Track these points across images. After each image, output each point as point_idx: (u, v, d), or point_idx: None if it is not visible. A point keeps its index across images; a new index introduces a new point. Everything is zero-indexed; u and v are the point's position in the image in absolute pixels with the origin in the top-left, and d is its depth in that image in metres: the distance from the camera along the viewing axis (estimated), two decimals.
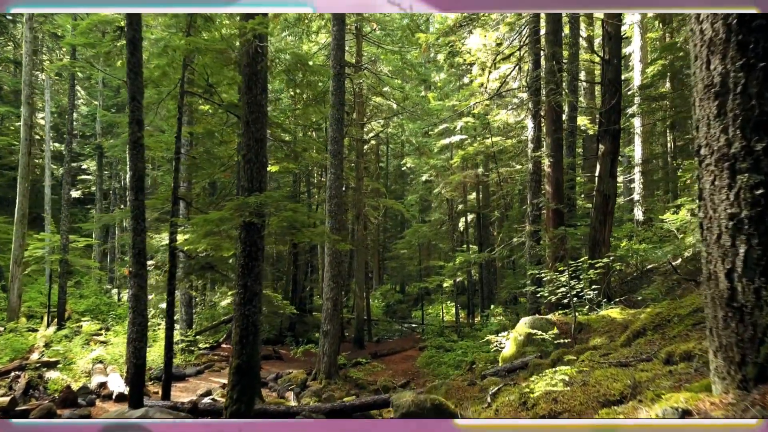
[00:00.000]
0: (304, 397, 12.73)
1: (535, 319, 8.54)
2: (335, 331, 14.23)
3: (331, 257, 14.17)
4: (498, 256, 14.83)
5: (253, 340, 6.78)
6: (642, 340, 5.23)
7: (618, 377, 3.54)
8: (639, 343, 5.16)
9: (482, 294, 26.01)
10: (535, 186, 13.25)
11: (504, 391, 4.93)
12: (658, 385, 3.01)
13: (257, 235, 6.90)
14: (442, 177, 25.30)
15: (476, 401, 6.42)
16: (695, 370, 3.06)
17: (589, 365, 4.62)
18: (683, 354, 3.45)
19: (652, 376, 3.25)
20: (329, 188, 14.38)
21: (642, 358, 4.26)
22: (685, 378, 3.00)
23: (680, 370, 3.21)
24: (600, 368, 4.31)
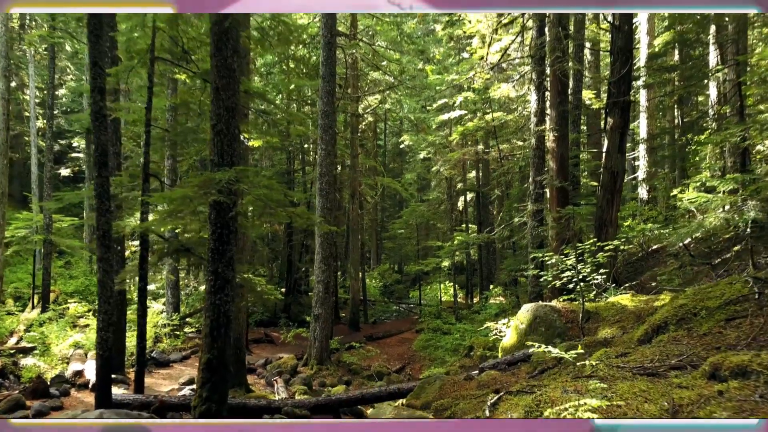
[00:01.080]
0: (294, 384, 12.13)
1: (538, 307, 7.85)
2: (327, 315, 13.59)
3: (323, 238, 13.45)
4: (498, 237, 14.11)
5: (225, 333, 6.08)
6: (665, 336, 4.52)
7: (650, 394, 2.84)
8: (662, 340, 4.45)
9: (481, 274, 25.41)
10: (538, 163, 12.46)
11: (505, 401, 4.23)
12: (708, 412, 2.31)
13: (228, 216, 6.15)
14: (440, 154, 24.48)
15: (472, 399, 5.75)
16: (761, 397, 2.36)
17: (606, 370, 3.91)
18: (735, 368, 2.75)
19: (696, 398, 2.54)
20: (320, 165, 13.59)
21: (672, 365, 3.54)
22: (744, 405, 2.30)
23: (734, 391, 2.50)
24: (620, 375, 3.60)
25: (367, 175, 28.18)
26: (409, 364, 15.78)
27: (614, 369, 3.81)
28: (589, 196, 15.89)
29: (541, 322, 7.64)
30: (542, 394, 3.42)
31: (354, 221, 20.90)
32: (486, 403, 4.30)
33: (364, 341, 18.25)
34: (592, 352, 5.92)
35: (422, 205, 26.12)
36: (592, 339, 6.20)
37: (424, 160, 30.75)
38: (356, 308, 20.74)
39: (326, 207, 13.40)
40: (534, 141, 12.66)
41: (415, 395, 6.87)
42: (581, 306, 7.61)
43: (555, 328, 7.49)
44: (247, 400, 7.59)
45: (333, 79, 13.79)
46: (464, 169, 25.03)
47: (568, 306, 7.83)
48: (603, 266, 8.30)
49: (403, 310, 27.92)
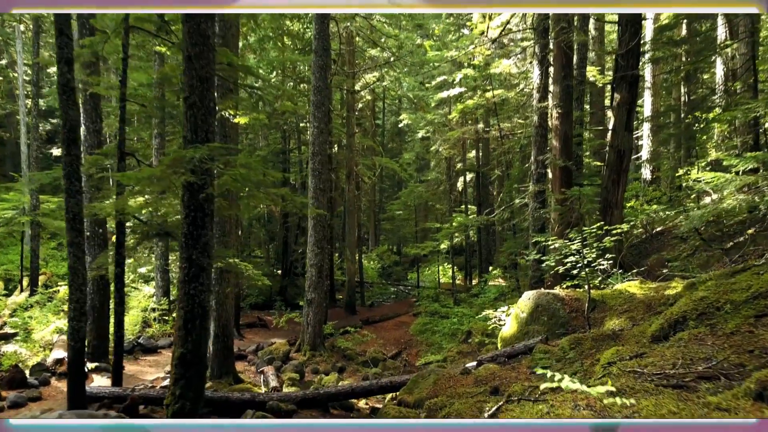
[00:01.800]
0: (285, 371, 11.72)
1: (540, 295, 7.36)
2: (320, 300, 13.13)
3: (315, 220, 12.93)
4: (498, 219, 13.59)
5: (200, 325, 5.59)
6: (684, 334, 4.01)
7: (680, 414, 2.34)
8: (682, 339, 3.94)
9: (480, 256, 24.94)
10: (540, 141, 11.87)
11: (505, 411, 3.74)
12: None
13: (203, 198, 5.61)
14: (439, 133, 23.81)
15: (469, 399, 5.28)
16: None
17: (621, 376, 3.41)
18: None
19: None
20: (312, 144, 13.00)
21: (701, 373, 3.04)
22: None
23: None
24: (640, 385, 3.10)
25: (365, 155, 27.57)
26: (405, 349, 15.39)
27: (631, 376, 3.31)
28: (593, 177, 15.32)
29: (543, 311, 7.15)
30: (549, 410, 2.93)
31: (350, 202, 20.35)
32: (484, 411, 3.80)
33: (360, 325, 17.85)
34: (600, 346, 5.44)
35: (421, 185, 25.53)
36: (599, 332, 5.70)
37: (423, 139, 30.09)
38: (353, 291, 20.31)
39: (319, 188, 12.85)
40: (536, 118, 12.05)
41: (407, 390, 6.42)
42: (587, 294, 7.11)
43: (558, 317, 7.01)
44: (230, 393, 7.14)
45: (326, 54, 13.13)
46: (464, 148, 24.41)
47: (572, 294, 7.33)
48: (609, 251, 7.78)
49: (401, 292, 27.54)
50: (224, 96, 9.84)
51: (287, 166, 24.97)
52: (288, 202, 6.08)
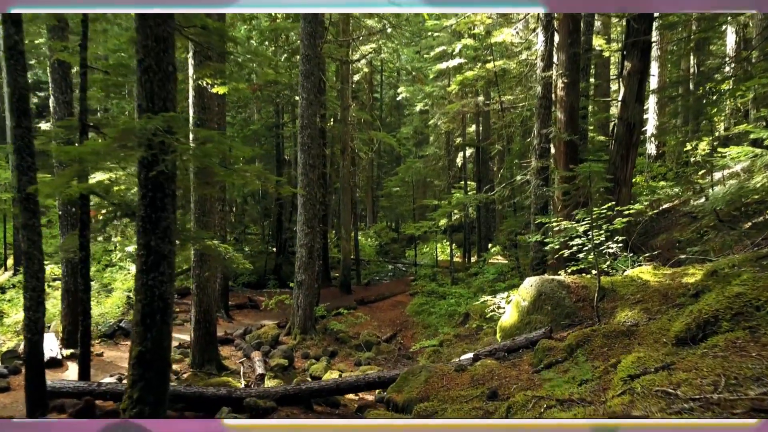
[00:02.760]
0: (273, 357, 11.18)
1: (543, 281, 6.72)
2: (311, 281, 12.52)
3: (305, 198, 12.23)
4: (498, 196, 12.89)
5: (161, 320, 4.95)
6: (720, 339, 3.37)
7: None
8: (717, 345, 3.30)
9: (479, 233, 24.28)
10: (544, 113, 11.10)
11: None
12: None
13: (163, 176, 4.91)
14: (438, 107, 22.95)
15: (463, 404, 4.67)
16: None
17: (648, 397, 2.77)
18: None
19: None
20: (301, 116, 12.21)
21: (755, 400, 2.39)
22: None
23: None
24: (674, 415, 2.46)
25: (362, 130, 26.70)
26: (401, 331, 14.85)
27: (662, 398, 2.67)
28: (598, 152, 14.57)
29: (547, 300, 6.52)
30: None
31: (345, 179, 19.61)
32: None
33: (354, 305, 17.31)
34: (612, 344, 4.80)
35: (419, 161, 24.74)
36: (611, 327, 5.06)
37: (422, 113, 29.19)
38: (348, 270, 19.73)
39: (309, 163, 12.12)
40: (540, 89, 11.25)
41: (396, 388, 5.82)
42: (596, 282, 6.47)
43: (563, 307, 6.37)
44: (205, 388, 6.55)
45: (315, 20, 12.25)
46: (464, 122, 23.55)
47: (578, 281, 6.69)
48: (618, 233, 7.12)
49: (398, 270, 27.02)
50: (201, 64, 9.06)
51: (281, 140, 24.15)
52: (263, 181, 5.38)
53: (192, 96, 9.19)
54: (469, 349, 10.88)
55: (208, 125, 9.23)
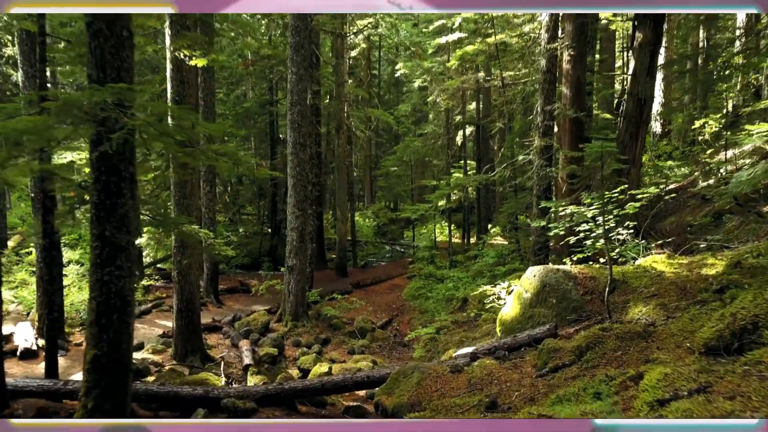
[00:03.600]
0: (263, 345, 10.70)
1: (547, 271, 6.16)
2: (302, 266, 11.98)
3: (295, 179, 11.61)
4: (498, 177, 12.28)
5: (119, 320, 4.40)
6: (764, 353, 2.81)
7: None
8: (762, 362, 2.74)
9: (479, 214, 23.70)
10: (548, 88, 10.41)
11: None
12: None
13: (119, 158, 4.31)
14: (437, 83, 22.14)
15: (458, 413, 4.14)
16: None
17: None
18: None
19: None
20: (290, 92, 11.53)
21: None
22: None
23: None
24: None
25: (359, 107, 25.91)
26: (397, 316, 14.37)
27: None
28: (603, 130, 13.91)
29: (552, 292, 5.97)
30: None
31: (341, 158, 18.96)
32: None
33: (350, 289, 16.83)
34: (627, 347, 4.26)
35: (417, 140, 24.00)
36: (625, 327, 4.51)
37: (421, 89, 28.35)
38: (344, 253, 19.20)
39: (299, 142, 11.48)
40: (544, 62, 10.54)
41: (386, 390, 5.30)
42: (606, 273, 5.91)
43: (569, 300, 5.82)
44: (180, 387, 6.03)
45: None
46: (463, 99, 22.79)
47: (585, 271, 6.12)
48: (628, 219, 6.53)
49: (396, 251, 26.52)
50: (178, 34, 8.36)
51: (275, 118, 23.40)
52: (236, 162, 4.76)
53: (169, 69, 8.51)
54: (467, 339, 10.41)
55: (187, 101, 8.57)
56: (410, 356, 11.11)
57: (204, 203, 13.69)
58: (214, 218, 14.02)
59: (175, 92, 8.53)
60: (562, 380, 4.29)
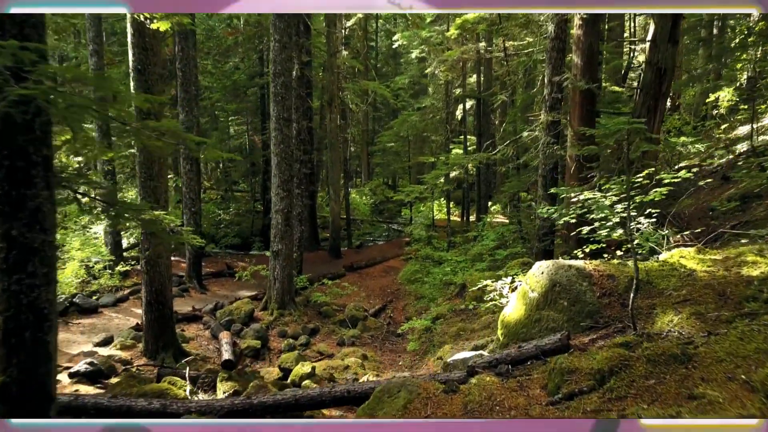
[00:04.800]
0: (245, 337, 9.94)
1: (558, 268, 5.31)
2: (289, 251, 11.15)
3: (279, 157, 10.70)
4: (501, 156, 11.35)
5: (33, 338, 3.57)
6: None
7: None
8: None
9: (479, 191, 22.77)
10: (556, 57, 9.43)
11: None
12: None
13: (28, 137, 3.42)
14: (436, 54, 20.99)
15: None
16: None
17: None
18: None
19: None
20: (273, 62, 10.53)
21: None
22: None
23: None
24: None
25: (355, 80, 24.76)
26: (391, 302, 13.62)
27: None
28: (614, 104, 12.93)
29: (563, 293, 5.13)
30: None
31: (333, 133, 17.97)
32: None
33: (343, 272, 16.06)
34: (662, 375, 3.43)
35: (415, 114, 22.91)
36: (657, 347, 3.67)
37: (420, 61, 27.15)
38: (337, 233, 18.38)
39: (283, 117, 10.53)
40: (552, 28, 9.53)
41: (368, 410, 4.50)
42: (626, 271, 5.06)
43: (584, 303, 4.99)
44: (134, 401, 5.24)
45: None
46: (464, 71, 21.67)
47: (602, 268, 5.27)
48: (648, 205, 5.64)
49: (393, 230, 25.70)
50: None
51: (266, 91, 22.28)
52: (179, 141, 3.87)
53: (130, 35, 7.53)
54: (465, 331, 9.64)
55: (152, 71, 7.61)
56: (404, 347, 10.37)
57: (185, 182, 12.79)
58: (197, 198, 13.13)
59: (137, 60, 7.57)
60: (580, 412, 3.48)
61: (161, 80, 7.87)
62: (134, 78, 7.60)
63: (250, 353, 9.46)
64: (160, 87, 7.86)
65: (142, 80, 7.60)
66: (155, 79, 7.73)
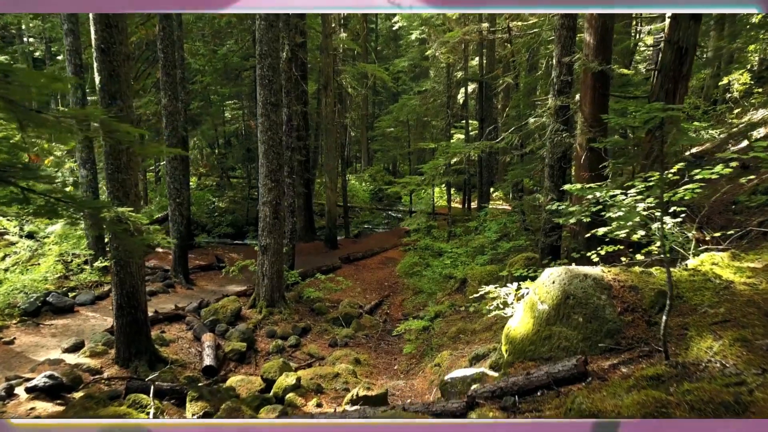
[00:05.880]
0: (231, 339, 9.30)
1: (571, 277, 4.60)
2: (277, 246, 10.47)
3: (267, 145, 9.96)
4: (505, 144, 10.58)
5: None
6: None
7: None
8: None
9: (481, 177, 21.99)
10: (566, 36, 8.61)
11: None
12: None
13: None
14: (436, 35, 20.10)
15: None
16: None
17: None
18: None
19: None
20: (259, 42, 9.74)
21: None
22: None
23: None
24: None
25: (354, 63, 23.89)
26: (388, 297, 12.97)
27: None
28: (625, 87, 12.10)
29: (578, 306, 4.43)
30: None
31: (329, 118, 17.17)
32: None
33: (339, 264, 15.40)
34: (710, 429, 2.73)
35: (415, 98, 22.06)
36: (702, 392, 2.97)
37: (422, 43, 26.22)
38: (333, 223, 17.67)
39: (270, 102, 9.76)
40: None
41: None
42: (651, 281, 4.36)
43: (602, 320, 4.29)
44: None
45: None
46: (465, 53, 20.77)
47: (622, 278, 4.56)
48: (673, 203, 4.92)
49: (393, 218, 25.01)
50: None
51: None
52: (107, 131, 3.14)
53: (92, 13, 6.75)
54: (465, 332, 8.97)
55: (116, 50, 6.85)
56: (400, 348, 9.73)
57: (168, 171, 12.07)
58: (182, 187, 12.42)
59: (100, 38, 6.80)
60: None
61: (128, 61, 7.10)
62: (97, 58, 6.84)
63: (235, 357, 8.83)
64: (127, 68, 7.09)
65: (106, 61, 6.84)
66: (122, 60, 6.97)
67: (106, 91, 6.95)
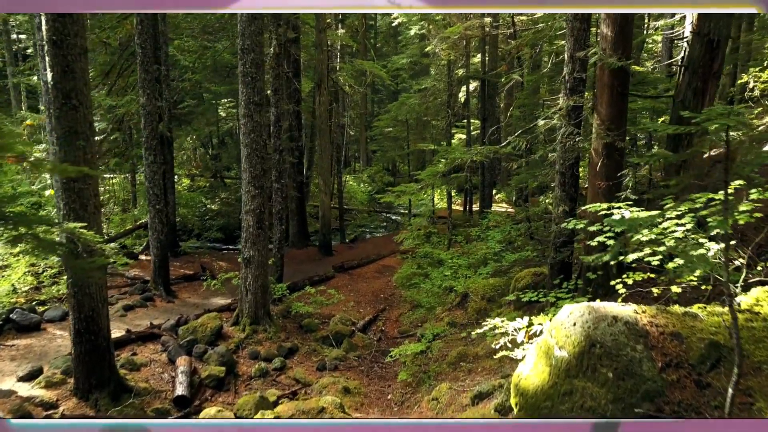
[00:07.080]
0: (209, 362, 8.46)
1: (597, 318, 3.75)
2: (262, 258, 9.62)
3: (250, 148, 9.11)
4: (511, 149, 9.71)
5: None
6: None
7: None
8: None
9: (483, 181, 21.11)
10: (579, 28, 7.75)
11: None
12: None
13: None
14: (437, 30, 19.24)
15: None
16: None
17: None
18: None
19: None
20: (241, 35, 8.88)
21: None
22: None
23: None
24: None
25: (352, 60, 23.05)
26: (384, 311, 12.13)
27: None
28: (639, 85, 11.22)
29: (606, 358, 3.58)
30: None
31: (322, 118, 16.31)
32: None
33: (332, 273, 14.56)
34: None
35: (414, 96, 21.18)
36: None
37: (422, 39, 25.34)
38: (327, 229, 16.82)
39: (253, 101, 8.91)
40: None
41: None
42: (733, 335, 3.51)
43: (639, 378, 3.44)
44: None
45: None
46: (467, 50, 19.88)
47: (660, 321, 3.69)
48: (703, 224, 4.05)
49: (391, 221, 24.17)
50: None
51: None
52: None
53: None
54: (467, 357, 8.13)
55: (71, 42, 6.01)
56: (395, 372, 8.89)
57: (147, 176, 11.23)
58: (162, 193, 11.57)
59: (52, 29, 5.97)
60: None
61: (85, 55, 6.25)
62: (48, 52, 6.01)
63: (212, 383, 8.01)
64: (84, 63, 6.25)
65: (59, 55, 6.01)
66: (77, 54, 6.13)
67: (60, 89, 6.12)
